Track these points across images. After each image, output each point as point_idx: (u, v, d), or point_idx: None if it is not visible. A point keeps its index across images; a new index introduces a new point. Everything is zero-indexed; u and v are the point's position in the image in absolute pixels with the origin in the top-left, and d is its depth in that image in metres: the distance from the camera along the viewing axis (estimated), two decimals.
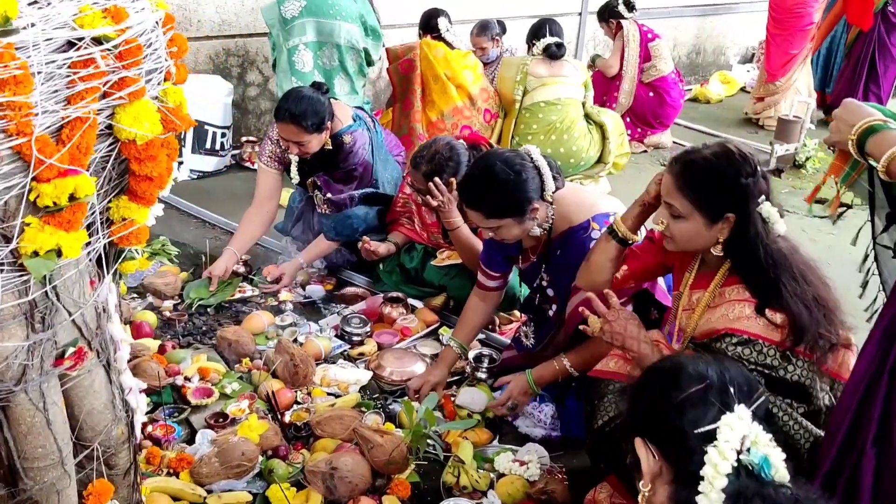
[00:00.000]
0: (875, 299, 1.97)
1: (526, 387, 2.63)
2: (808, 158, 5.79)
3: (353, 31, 4.37)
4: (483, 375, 2.85)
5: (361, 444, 2.30)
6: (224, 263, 3.35)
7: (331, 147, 3.39)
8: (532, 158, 2.51)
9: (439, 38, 4.74)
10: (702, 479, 1.22)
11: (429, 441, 2.42)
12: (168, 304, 3.16)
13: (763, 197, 1.98)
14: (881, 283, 1.93)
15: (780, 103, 6.62)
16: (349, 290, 3.52)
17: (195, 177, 4.76)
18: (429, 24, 4.77)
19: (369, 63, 4.56)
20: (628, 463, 1.42)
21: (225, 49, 5.18)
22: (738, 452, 1.22)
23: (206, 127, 4.75)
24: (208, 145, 4.80)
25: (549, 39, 4.76)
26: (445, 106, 4.59)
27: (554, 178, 2.52)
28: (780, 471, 1.24)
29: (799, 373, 1.96)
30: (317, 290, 3.47)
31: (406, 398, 2.69)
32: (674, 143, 6.17)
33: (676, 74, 6.05)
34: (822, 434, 1.91)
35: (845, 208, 2.00)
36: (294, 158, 3.45)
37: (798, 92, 6.51)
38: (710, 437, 1.24)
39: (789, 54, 6.48)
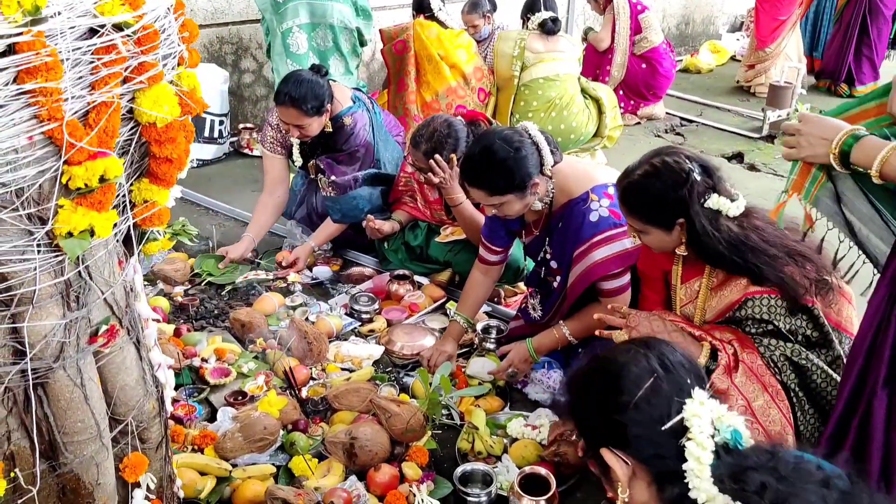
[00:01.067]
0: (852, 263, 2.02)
1: (526, 354, 2.71)
2: None
3: (345, 11, 4.40)
4: (491, 346, 2.92)
5: (379, 414, 2.37)
6: (243, 249, 3.44)
7: (331, 129, 3.44)
8: (530, 134, 2.56)
9: (432, 17, 4.77)
10: (684, 472, 1.19)
11: (444, 409, 2.49)
12: (179, 289, 3.21)
13: (709, 192, 2.05)
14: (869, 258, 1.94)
15: (771, 70, 6.67)
16: (356, 269, 3.57)
17: (195, 165, 4.80)
18: (421, 4, 4.80)
19: (362, 43, 4.59)
20: (591, 470, 1.37)
21: (219, 37, 5.20)
22: (712, 436, 1.20)
23: (204, 115, 4.78)
24: (207, 133, 4.84)
25: (544, 14, 4.79)
26: (440, 86, 4.63)
27: (552, 152, 2.57)
28: (746, 434, 1.23)
29: (816, 321, 2.04)
30: (324, 271, 3.53)
31: (421, 367, 2.75)
32: (667, 113, 6.22)
33: (667, 45, 6.09)
34: None
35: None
36: (295, 142, 3.49)
37: (788, 58, 6.56)
38: (679, 429, 1.22)
39: (778, 20, 6.52)
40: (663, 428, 1.22)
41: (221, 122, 4.91)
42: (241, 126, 5.19)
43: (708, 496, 1.15)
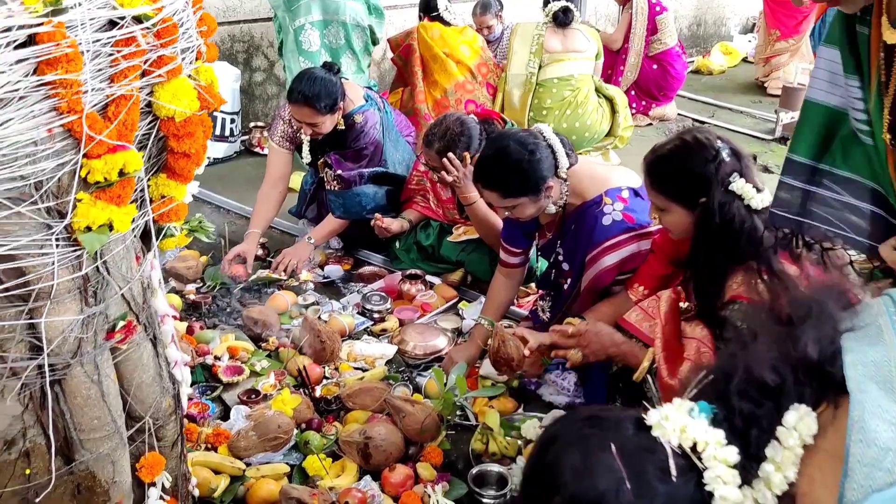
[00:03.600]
0: None
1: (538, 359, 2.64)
2: None
3: (358, 8, 4.39)
4: None
5: (393, 414, 2.35)
6: (252, 246, 3.42)
7: (343, 127, 3.43)
8: (545, 136, 2.55)
9: (438, 17, 4.75)
10: None
11: (458, 409, 2.47)
12: (191, 287, 3.20)
13: (736, 175, 2.02)
14: None
15: (789, 66, 6.64)
16: (367, 269, 3.56)
17: (207, 163, 4.77)
18: (428, 4, 4.79)
19: (374, 42, 4.58)
20: None
21: (230, 35, 5.19)
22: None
23: (216, 113, 4.77)
24: (218, 132, 4.84)
25: (556, 4, 4.76)
26: (447, 83, 4.63)
27: (567, 154, 2.56)
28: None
29: None
30: (335, 270, 3.51)
31: (436, 367, 2.71)
32: (679, 114, 6.19)
33: (680, 47, 6.06)
34: None
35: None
36: (306, 139, 3.48)
37: (803, 57, 6.53)
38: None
39: (802, 14, 6.49)
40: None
41: (233, 121, 4.90)
42: (251, 124, 5.19)
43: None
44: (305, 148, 3.53)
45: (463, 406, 2.46)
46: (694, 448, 0.92)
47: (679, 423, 0.93)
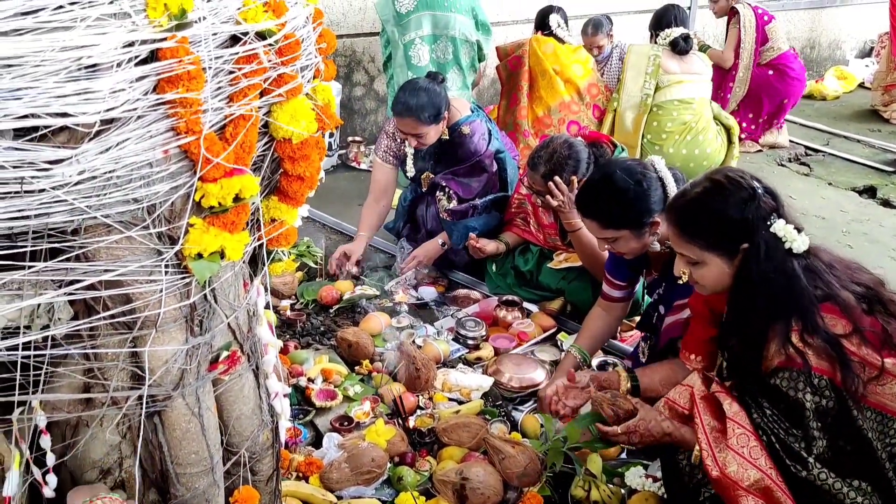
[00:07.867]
0: None
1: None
2: None
3: (467, 23, 4.32)
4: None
5: (492, 455, 2.22)
6: (359, 247, 3.44)
7: (448, 137, 3.35)
8: (657, 169, 2.40)
9: (551, 34, 4.63)
10: None
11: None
12: (285, 303, 3.15)
13: (775, 216, 1.82)
14: None
15: None
16: (461, 291, 3.44)
17: None
18: (543, 21, 4.67)
19: (480, 58, 4.50)
20: None
21: None
22: None
23: None
24: None
25: (675, 31, 4.57)
26: (552, 100, 4.49)
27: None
28: None
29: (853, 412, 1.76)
30: (429, 292, 3.41)
31: (543, 413, 2.54)
32: (791, 142, 5.87)
33: (794, 51, 5.77)
34: None
35: None
36: (410, 151, 3.42)
37: None
38: None
39: None
40: None
41: (331, 135, 4.89)
42: (349, 139, 5.17)
43: None
44: (409, 161, 3.47)
45: (567, 452, 2.30)
46: None
47: None
